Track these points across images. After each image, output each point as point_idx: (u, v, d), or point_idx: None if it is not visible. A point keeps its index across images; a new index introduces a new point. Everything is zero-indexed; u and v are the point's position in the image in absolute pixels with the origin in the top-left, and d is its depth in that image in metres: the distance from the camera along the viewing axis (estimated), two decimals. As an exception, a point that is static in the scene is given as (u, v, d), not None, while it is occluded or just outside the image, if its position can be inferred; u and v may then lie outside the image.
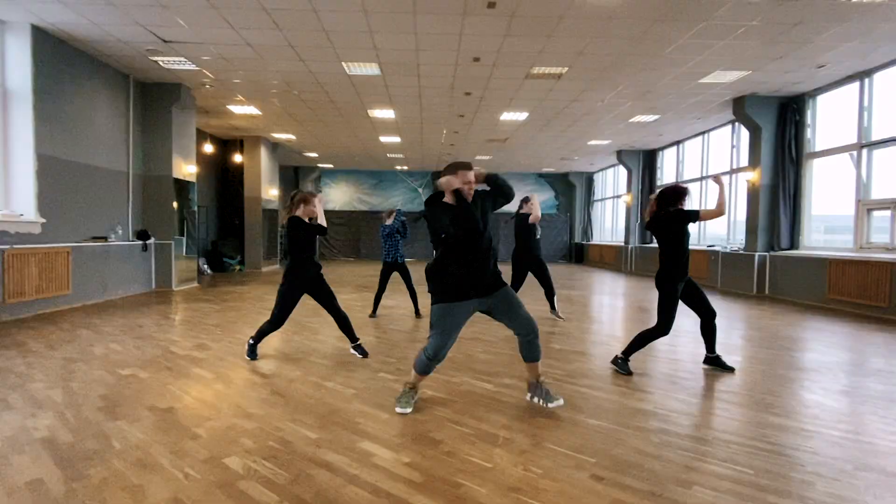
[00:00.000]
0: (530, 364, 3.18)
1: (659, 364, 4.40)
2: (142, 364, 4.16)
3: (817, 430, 2.96)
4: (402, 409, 3.10)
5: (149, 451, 2.53)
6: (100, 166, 7.91)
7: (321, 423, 2.95)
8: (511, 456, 2.54)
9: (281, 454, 2.53)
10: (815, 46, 6.91)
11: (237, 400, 3.34)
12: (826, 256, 8.16)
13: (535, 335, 3.10)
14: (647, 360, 4.51)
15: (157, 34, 6.80)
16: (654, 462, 2.49)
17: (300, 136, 13.71)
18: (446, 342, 3.03)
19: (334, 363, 4.28)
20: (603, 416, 3.10)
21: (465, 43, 6.90)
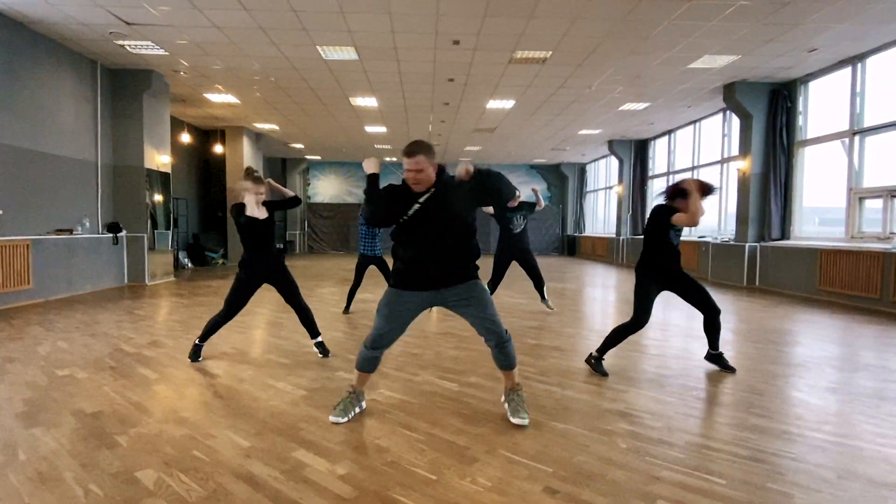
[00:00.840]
0: (504, 372, 2.88)
1: (639, 360, 4.16)
2: (84, 364, 3.89)
3: (801, 432, 2.72)
4: (335, 417, 2.76)
5: (55, 464, 2.27)
6: (65, 156, 7.59)
7: (259, 428, 2.69)
8: (460, 466, 2.28)
9: (203, 466, 2.27)
10: (806, 29, 6.64)
11: (174, 403, 3.07)
12: (817, 247, 7.93)
13: (502, 341, 2.77)
14: (628, 355, 4.26)
15: (118, 16, 6.46)
16: (618, 472, 2.24)
17: (283, 126, 13.36)
18: (384, 330, 2.73)
19: (293, 362, 4.02)
20: (569, 419, 2.85)
21: (443, 24, 6.59)
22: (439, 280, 2.70)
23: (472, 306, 2.74)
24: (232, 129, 13.49)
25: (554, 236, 20.69)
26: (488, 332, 2.76)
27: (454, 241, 2.69)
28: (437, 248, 2.67)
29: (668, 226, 3.64)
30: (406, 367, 3.85)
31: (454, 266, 2.71)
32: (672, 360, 4.19)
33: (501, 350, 2.78)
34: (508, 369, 2.84)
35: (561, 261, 16.89)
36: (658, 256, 3.71)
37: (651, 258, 3.72)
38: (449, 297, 2.74)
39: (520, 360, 4.02)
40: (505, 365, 2.83)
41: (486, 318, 2.74)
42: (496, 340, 2.76)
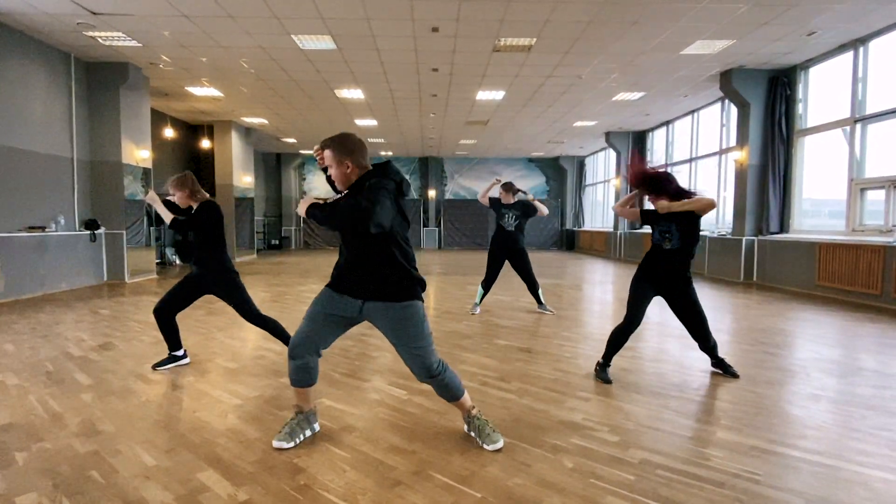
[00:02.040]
0: (452, 403, 2.53)
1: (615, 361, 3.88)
2: (20, 368, 3.67)
3: (772, 448, 2.44)
4: (279, 442, 2.41)
5: (-70, 487, 2.05)
6: (37, 151, 7.39)
7: (174, 444, 2.45)
8: (380, 490, 2.03)
9: (94, 489, 2.03)
10: (804, 9, 6.29)
11: (95, 413, 2.84)
12: (815, 240, 7.60)
13: (431, 376, 2.37)
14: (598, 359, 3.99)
15: (83, 5, 6.23)
16: (557, 498, 1.98)
17: (272, 120, 13.13)
18: (304, 333, 2.40)
19: (240, 367, 3.78)
20: (517, 433, 2.59)
21: (419, 10, 6.31)
22: (362, 289, 2.36)
23: (397, 332, 2.34)
24: (220, 123, 13.26)
25: (553, 231, 20.36)
26: (413, 364, 2.37)
27: (371, 249, 2.29)
28: (355, 254, 2.34)
29: (650, 221, 3.47)
30: (358, 373, 3.60)
31: (377, 278, 2.32)
32: (649, 363, 3.92)
33: (436, 384, 2.41)
34: (454, 401, 2.49)
35: (559, 256, 16.58)
36: (649, 253, 3.50)
37: (646, 256, 3.52)
38: (374, 315, 2.37)
39: (482, 363, 3.79)
40: (448, 398, 2.48)
41: (410, 349, 2.34)
42: (425, 375, 2.38)
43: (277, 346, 4.41)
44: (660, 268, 3.41)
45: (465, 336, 4.77)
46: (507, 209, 5.83)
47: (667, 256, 3.38)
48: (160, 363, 3.69)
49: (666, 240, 3.36)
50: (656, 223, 3.41)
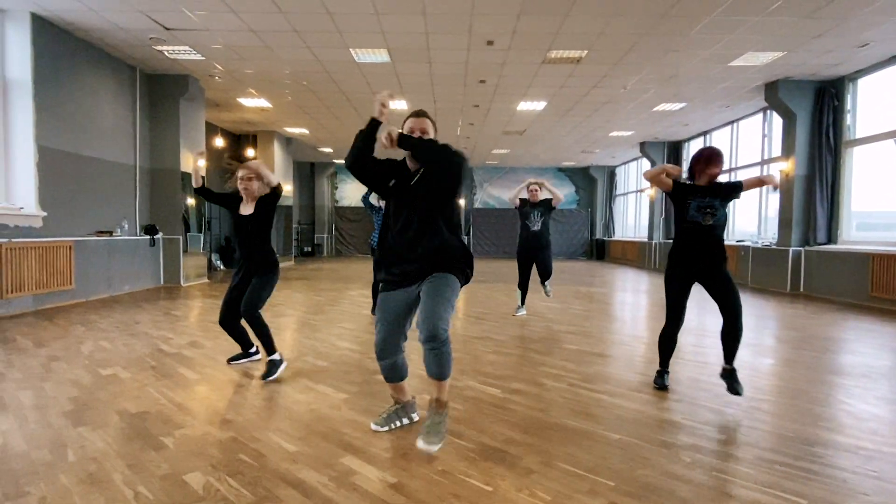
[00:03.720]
0: (433, 381, 2.42)
1: (686, 368, 3.97)
2: (126, 363, 3.90)
3: (878, 448, 2.52)
4: (376, 425, 2.64)
5: (103, 465, 2.24)
6: (105, 159, 7.76)
7: (303, 432, 2.62)
8: (515, 477, 2.17)
9: (251, 470, 2.21)
10: (857, 22, 6.34)
11: (217, 405, 3.04)
12: (868, 251, 7.56)
13: (433, 340, 2.29)
14: (673, 363, 4.08)
15: (158, 21, 6.57)
16: (685, 487, 2.10)
17: (313, 130, 13.47)
18: (378, 334, 2.51)
19: (330, 364, 3.97)
20: (623, 429, 2.71)
21: (477, 24, 6.51)
22: (417, 274, 2.46)
23: (424, 299, 2.38)
24: (263, 133, 13.65)
25: (582, 240, 20.36)
26: (424, 326, 2.30)
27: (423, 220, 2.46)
28: (410, 228, 2.47)
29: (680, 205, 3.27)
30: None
31: (432, 253, 2.44)
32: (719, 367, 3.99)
33: (432, 350, 2.32)
34: (436, 378, 2.39)
35: (591, 265, 16.59)
36: (676, 242, 3.35)
37: (677, 242, 3.36)
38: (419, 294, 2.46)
39: (563, 366, 3.91)
40: (432, 372, 2.37)
41: (426, 311, 2.33)
42: (426, 335, 2.29)
43: (355, 344, 4.60)
44: (698, 248, 3.23)
45: (534, 340, 4.90)
46: (534, 208, 6.04)
47: (707, 233, 3.20)
48: (234, 358, 3.95)
49: (707, 215, 3.18)
50: (694, 197, 3.22)
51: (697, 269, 3.26)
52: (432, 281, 2.40)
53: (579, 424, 2.77)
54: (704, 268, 3.24)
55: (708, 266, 3.23)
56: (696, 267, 3.26)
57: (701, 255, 3.24)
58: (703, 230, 3.21)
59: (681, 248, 3.31)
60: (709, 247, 3.22)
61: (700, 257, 3.24)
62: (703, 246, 3.23)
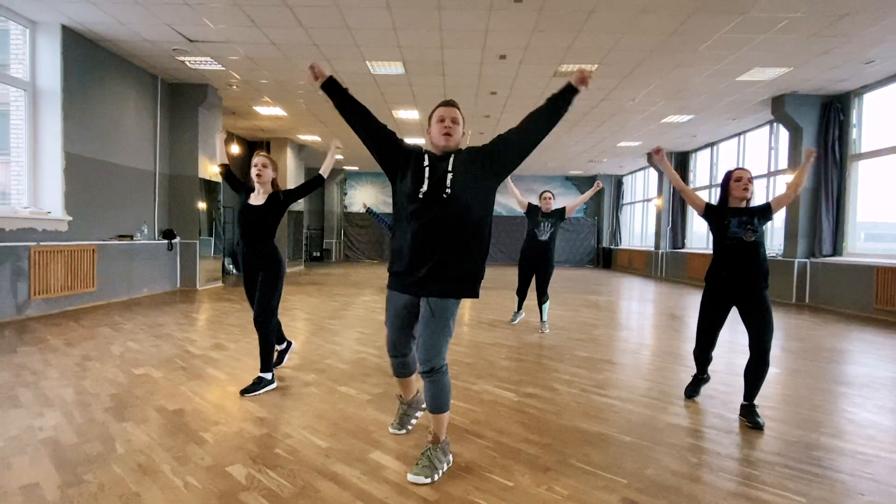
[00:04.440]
0: (431, 415, 2.34)
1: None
2: (156, 363, 4.09)
3: (876, 453, 2.66)
4: (393, 429, 2.79)
5: (151, 456, 2.42)
6: (127, 165, 8.00)
7: (333, 430, 2.79)
8: (534, 474, 2.33)
9: (287, 463, 2.38)
10: (863, 40, 6.50)
11: (248, 404, 3.22)
12: (873, 264, 7.67)
13: (432, 373, 2.25)
14: (681, 371, 4.23)
15: (183, 33, 6.82)
16: (693, 486, 2.26)
17: (326, 137, 13.71)
18: (389, 335, 2.46)
19: (352, 367, 4.14)
20: (634, 432, 2.87)
21: (491, 39, 6.72)
22: (420, 281, 2.27)
23: (424, 323, 2.28)
24: (277, 140, 13.92)
25: (589, 248, 20.50)
26: (421, 353, 2.29)
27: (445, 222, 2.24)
28: (427, 230, 2.24)
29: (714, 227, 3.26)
30: (461, 376, 3.91)
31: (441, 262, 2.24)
32: (727, 375, 4.13)
33: (430, 380, 2.27)
34: (434, 411, 2.30)
35: (597, 273, 16.72)
36: (714, 260, 3.29)
37: (716, 262, 3.29)
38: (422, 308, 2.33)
39: (574, 373, 4.07)
40: (430, 405, 2.30)
41: (425, 337, 2.27)
42: (425, 367, 2.26)
43: (373, 349, 4.78)
44: (742, 265, 3.14)
45: (546, 347, 5.06)
46: (546, 217, 5.89)
47: (749, 250, 3.12)
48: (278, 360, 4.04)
49: (749, 231, 3.13)
50: (732, 216, 3.20)
51: (739, 288, 3.17)
52: (436, 309, 2.24)
53: (592, 427, 2.93)
54: (746, 288, 3.15)
55: (749, 286, 3.14)
56: (738, 286, 3.17)
57: (744, 274, 3.15)
58: (746, 246, 3.14)
59: (723, 267, 3.22)
60: (752, 264, 3.14)
61: (743, 276, 3.15)
62: (746, 263, 3.14)
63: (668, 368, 4.31)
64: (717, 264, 3.27)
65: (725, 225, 3.22)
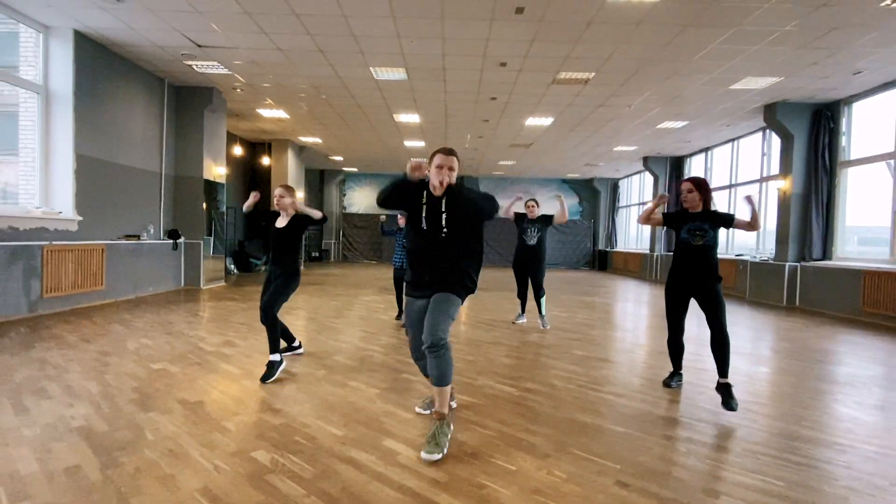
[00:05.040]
0: (434, 388, 2.69)
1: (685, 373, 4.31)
2: (172, 359, 4.27)
3: (851, 444, 2.87)
4: (421, 409, 3.07)
5: (179, 443, 2.60)
6: (134, 167, 8.16)
7: (346, 420, 2.98)
8: (534, 459, 2.53)
9: (307, 449, 2.57)
10: (852, 52, 6.74)
11: (263, 396, 3.40)
12: (860, 268, 7.92)
13: (434, 347, 2.60)
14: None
15: (192, 39, 7.00)
16: (681, 471, 2.46)
17: (326, 139, 13.91)
18: (410, 340, 2.95)
19: (359, 363, 4.33)
20: (627, 424, 3.07)
21: (492, 48, 6.93)
22: (425, 286, 2.82)
23: (428, 312, 2.72)
24: (278, 142, 14.10)
25: (585, 251, 20.75)
26: (426, 333, 2.64)
27: (446, 250, 2.78)
28: (431, 255, 2.79)
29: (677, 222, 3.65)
30: (464, 373, 4.11)
31: (445, 275, 2.77)
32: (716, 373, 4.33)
33: (433, 355, 2.62)
34: (437, 384, 2.65)
35: (593, 276, 16.95)
36: (676, 259, 3.68)
37: (674, 262, 3.73)
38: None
39: (572, 370, 4.27)
40: (434, 375, 2.65)
41: (429, 321, 2.67)
42: (431, 344, 2.61)
43: (378, 346, 4.97)
44: (691, 266, 3.54)
45: (544, 346, 5.26)
46: (531, 224, 6.19)
47: (699, 253, 3.52)
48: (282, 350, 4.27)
49: (698, 237, 3.52)
50: (685, 223, 3.59)
51: (690, 285, 3.58)
52: (437, 297, 2.74)
53: (588, 419, 3.13)
54: (697, 284, 3.55)
55: (700, 283, 3.54)
56: (690, 283, 3.58)
57: (693, 273, 3.56)
58: (694, 250, 3.56)
59: (675, 266, 3.69)
60: (700, 265, 3.53)
61: (692, 274, 3.56)
62: (694, 264, 3.55)
63: (660, 367, 4.51)
64: (673, 263, 3.74)
65: (679, 230, 3.65)
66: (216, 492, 2.13)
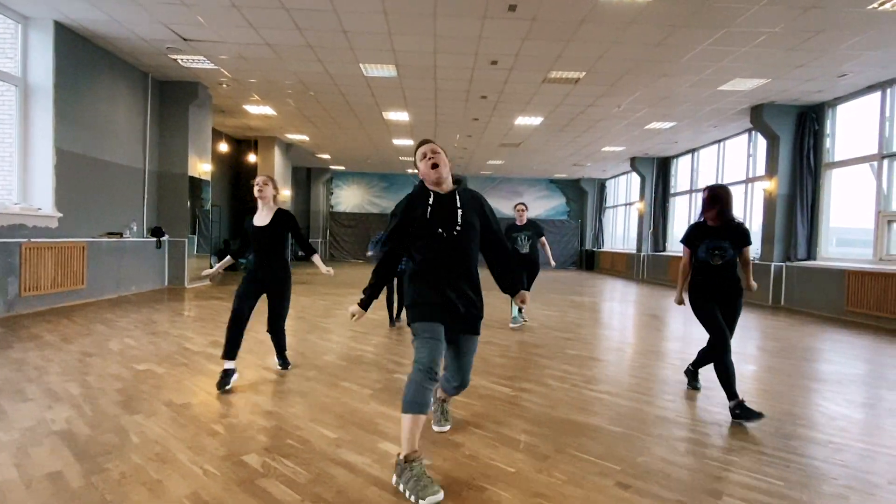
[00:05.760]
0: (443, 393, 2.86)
1: (677, 372, 4.31)
2: (157, 359, 4.15)
3: (846, 442, 2.88)
4: (439, 426, 2.88)
5: (167, 447, 2.51)
6: (117, 163, 7.97)
7: (340, 422, 2.91)
8: (534, 461, 2.49)
9: (300, 453, 2.49)
10: (838, 55, 6.83)
11: (254, 398, 3.31)
12: (844, 268, 8.03)
13: (463, 389, 2.75)
14: (664, 367, 4.44)
15: (178, 32, 6.84)
16: (681, 471, 2.43)
17: (314, 137, 13.75)
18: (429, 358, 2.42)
19: (350, 364, 4.25)
20: (625, 424, 3.04)
21: (484, 46, 6.89)
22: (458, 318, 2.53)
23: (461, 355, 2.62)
24: (265, 139, 13.91)
25: (572, 250, 20.84)
26: (460, 373, 2.64)
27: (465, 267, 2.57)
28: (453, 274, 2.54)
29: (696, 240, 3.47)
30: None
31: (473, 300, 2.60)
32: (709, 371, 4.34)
33: (458, 391, 2.74)
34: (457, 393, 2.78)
35: (581, 276, 17.02)
36: (698, 275, 3.51)
37: (695, 278, 3.54)
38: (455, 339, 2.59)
39: (565, 370, 4.24)
40: (451, 392, 2.78)
41: (464, 361, 2.62)
42: (461, 386, 2.67)
43: (369, 346, 4.90)
44: (714, 283, 3.40)
45: (537, 346, 5.23)
46: (520, 231, 6.21)
47: (718, 272, 3.38)
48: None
49: (716, 256, 3.36)
50: (703, 240, 3.41)
51: (716, 299, 3.41)
52: (468, 340, 2.58)
53: (585, 419, 3.10)
54: (722, 299, 3.41)
55: (725, 297, 3.41)
56: (716, 297, 3.41)
57: (714, 290, 3.41)
58: (713, 270, 3.38)
59: (701, 282, 3.47)
60: (722, 283, 3.39)
61: (714, 292, 3.41)
62: (717, 282, 3.39)
63: (651, 365, 4.52)
64: (694, 278, 3.52)
65: (697, 248, 3.46)
66: (206, 497, 2.05)
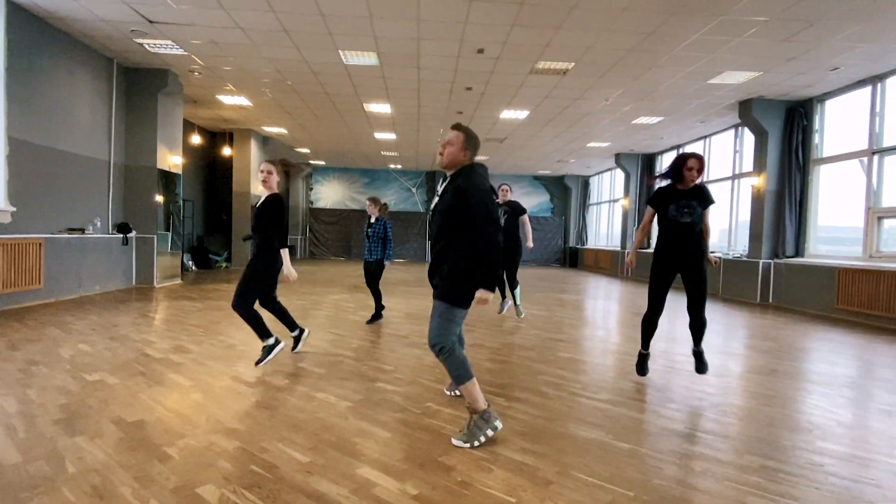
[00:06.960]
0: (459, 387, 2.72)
1: (681, 377, 4.07)
2: (112, 368, 3.75)
3: (872, 457, 2.64)
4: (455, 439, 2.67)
5: (108, 477, 2.14)
6: (78, 154, 7.44)
7: (313, 442, 2.57)
8: (536, 489, 2.18)
9: (265, 482, 2.15)
10: (830, 48, 6.67)
11: (217, 413, 2.95)
12: (834, 265, 7.92)
13: (434, 352, 2.71)
14: (660, 370, 4.19)
15: (141, 13, 6.37)
16: (702, 497, 2.15)
17: (292, 129, 13.27)
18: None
19: (326, 370, 3.90)
20: (632, 439, 2.76)
21: (470, 32, 6.55)
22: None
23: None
24: (240, 131, 13.38)
25: (556, 248, 20.67)
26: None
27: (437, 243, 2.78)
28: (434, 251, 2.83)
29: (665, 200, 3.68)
30: (446, 381, 3.74)
31: (441, 272, 2.74)
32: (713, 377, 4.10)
33: (437, 356, 2.73)
34: (457, 383, 2.70)
35: (564, 273, 16.84)
36: (663, 236, 3.74)
37: (660, 240, 3.77)
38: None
39: (561, 375, 3.95)
40: (452, 378, 2.73)
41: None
42: (431, 347, 2.73)
43: (348, 350, 4.55)
44: (678, 242, 3.63)
45: (527, 348, 4.93)
46: (499, 207, 5.99)
47: (685, 230, 3.61)
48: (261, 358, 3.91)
49: (686, 213, 3.60)
50: (674, 200, 3.63)
51: (676, 260, 3.66)
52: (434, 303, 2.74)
53: (587, 434, 2.81)
54: (685, 259, 3.64)
55: (689, 257, 3.63)
56: (676, 259, 3.66)
57: (680, 248, 3.63)
58: (680, 227, 3.61)
59: (661, 244, 3.74)
60: (687, 242, 3.63)
61: (679, 249, 3.64)
62: (681, 241, 3.63)
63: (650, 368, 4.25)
64: (658, 242, 3.78)
65: (666, 208, 3.66)
66: (148, 545, 1.70)
